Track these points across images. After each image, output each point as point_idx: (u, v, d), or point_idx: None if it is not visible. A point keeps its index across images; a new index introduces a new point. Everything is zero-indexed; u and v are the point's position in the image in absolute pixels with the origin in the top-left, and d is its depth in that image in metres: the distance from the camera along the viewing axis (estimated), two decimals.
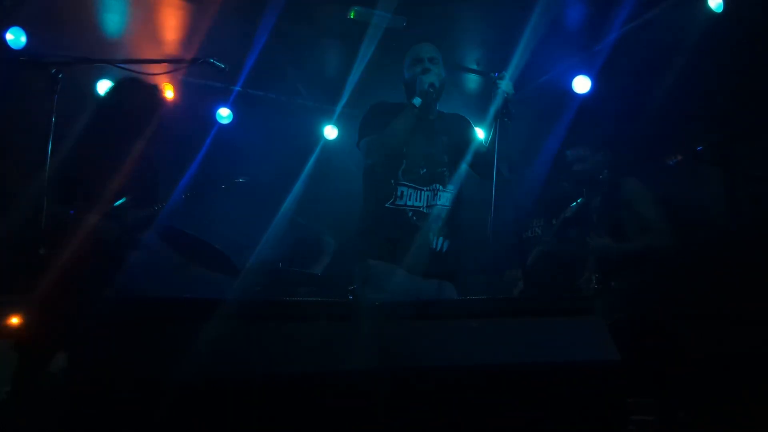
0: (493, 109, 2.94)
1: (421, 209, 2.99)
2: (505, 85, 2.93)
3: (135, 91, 3.14)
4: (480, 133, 3.44)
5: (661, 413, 2.91)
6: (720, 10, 3.79)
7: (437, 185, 3.04)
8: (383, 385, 1.76)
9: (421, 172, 3.02)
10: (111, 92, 3.42)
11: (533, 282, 4.10)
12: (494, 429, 1.83)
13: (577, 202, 4.00)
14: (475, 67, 5.12)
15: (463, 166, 3.16)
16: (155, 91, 3.27)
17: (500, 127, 2.95)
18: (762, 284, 3.24)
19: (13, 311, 3.00)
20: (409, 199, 2.99)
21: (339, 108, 5.35)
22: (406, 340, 1.88)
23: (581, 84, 4.71)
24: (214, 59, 2.76)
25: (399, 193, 2.99)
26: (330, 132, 5.72)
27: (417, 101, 2.91)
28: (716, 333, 3.25)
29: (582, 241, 3.89)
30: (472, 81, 5.37)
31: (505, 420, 1.84)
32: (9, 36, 4.07)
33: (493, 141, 2.99)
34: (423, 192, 3.01)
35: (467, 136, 3.22)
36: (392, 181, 3.00)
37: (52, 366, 2.59)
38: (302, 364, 1.76)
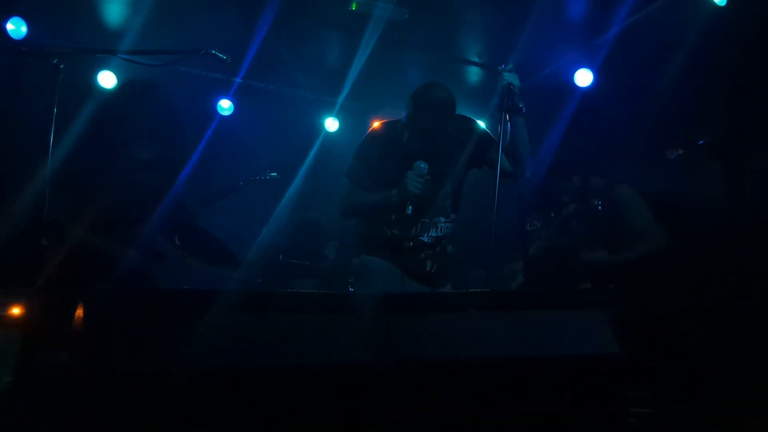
0: (498, 102, 2.86)
1: (421, 238, 2.93)
2: (511, 77, 2.84)
3: (143, 96, 3.12)
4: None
5: (660, 406, 2.92)
6: (723, 3, 3.78)
7: (440, 217, 2.97)
8: (383, 377, 1.77)
9: (421, 219, 2.91)
10: (119, 97, 3.39)
11: (533, 275, 4.11)
12: (493, 421, 1.84)
13: (576, 203, 4.00)
14: (476, 59, 5.11)
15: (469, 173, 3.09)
16: (160, 94, 3.24)
17: (505, 120, 2.86)
18: (762, 278, 3.25)
19: (15, 301, 3.00)
20: (405, 233, 2.92)
21: (340, 100, 5.35)
22: (406, 333, 1.88)
23: (583, 77, 4.70)
24: (215, 50, 2.75)
25: (390, 235, 2.92)
26: (331, 124, 5.71)
27: (395, 196, 2.77)
28: (716, 326, 3.26)
29: (580, 237, 3.92)
30: (474, 74, 5.37)
31: (504, 412, 1.85)
32: (9, 26, 4.05)
33: (502, 135, 2.87)
34: (425, 224, 2.93)
35: (474, 150, 3.01)
36: (383, 226, 2.92)
37: (55, 356, 2.59)
38: (302, 356, 1.77)
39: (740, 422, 2.73)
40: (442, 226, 2.97)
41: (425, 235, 2.94)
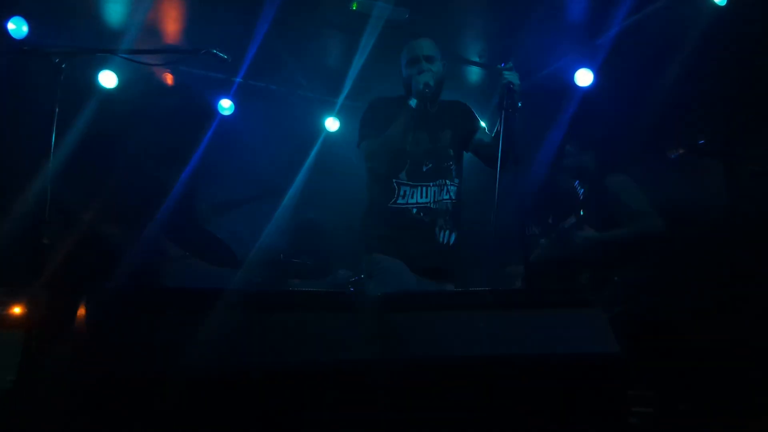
0: (497, 100, 2.90)
1: (429, 205, 3.01)
2: (511, 75, 2.90)
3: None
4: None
5: (661, 405, 2.92)
6: (723, 3, 3.79)
7: (444, 180, 3.05)
8: (385, 376, 1.78)
9: (425, 169, 3.02)
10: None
11: (533, 281, 4.09)
12: (494, 420, 1.84)
13: (575, 215, 3.97)
14: (477, 59, 5.11)
15: (466, 156, 3.16)
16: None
17: (505, 118, 2.89)
18: (762, 277, 3.25)
19: (16, 301, 3.01)
20: (412, 197, 3.00)
21: (340, 100, 5.35)
22: (408, 331, 1.89)
23: (583, 77, 4.70)
24: (216, 50, 2.76)
25: (402, 193, 3.00)
26: (331, 124, 5.71)
27: (413, 102, 2.92)
28: (716, 326, 3.26)
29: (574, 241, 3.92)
30: (474, 74, 5.37)
31: (504, 411, 1.85)
32: (11, 26, 4.05)
33: (497, 131, 2.93)
34: (430, 188, 3.02)
35: (471, 126, 3.19)
36: (395, 182, 3.00)
37: (58, 354, 2.60)
38: (303, 355, 1.77)
39: (740, 422, 2.73)
40: (447, 188, 3.05)
41: (432, 201, 3.01)
